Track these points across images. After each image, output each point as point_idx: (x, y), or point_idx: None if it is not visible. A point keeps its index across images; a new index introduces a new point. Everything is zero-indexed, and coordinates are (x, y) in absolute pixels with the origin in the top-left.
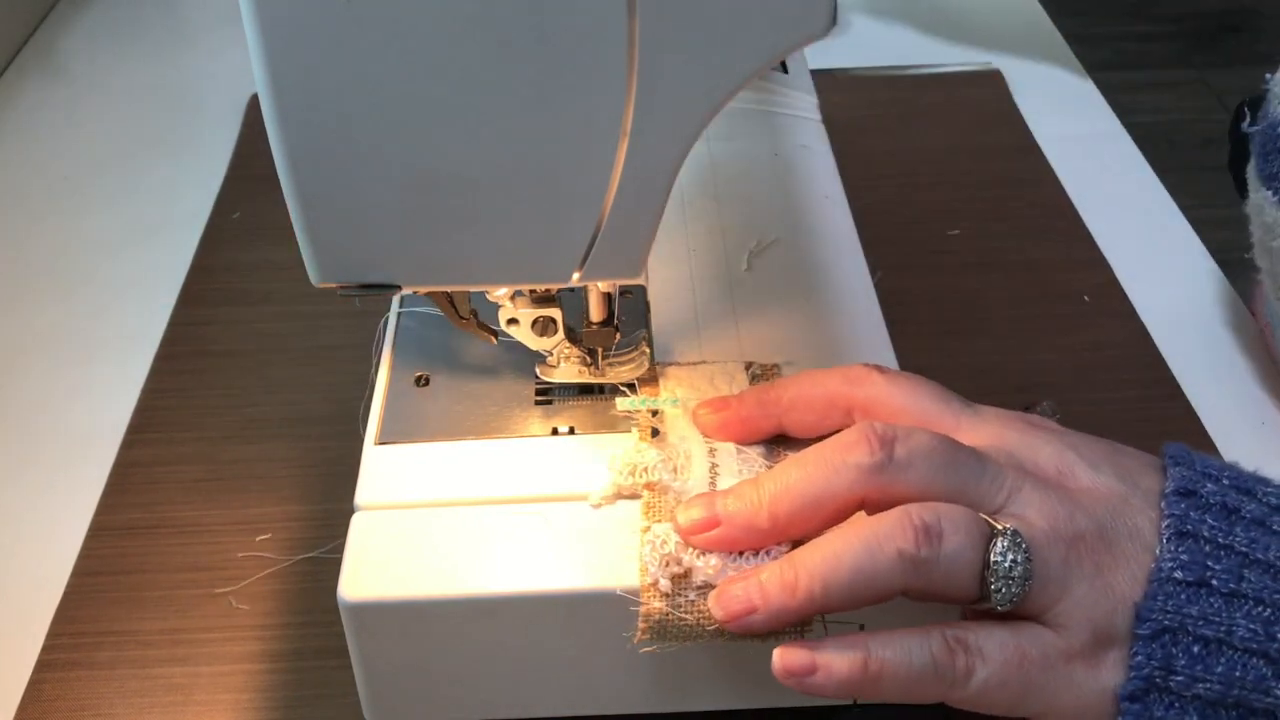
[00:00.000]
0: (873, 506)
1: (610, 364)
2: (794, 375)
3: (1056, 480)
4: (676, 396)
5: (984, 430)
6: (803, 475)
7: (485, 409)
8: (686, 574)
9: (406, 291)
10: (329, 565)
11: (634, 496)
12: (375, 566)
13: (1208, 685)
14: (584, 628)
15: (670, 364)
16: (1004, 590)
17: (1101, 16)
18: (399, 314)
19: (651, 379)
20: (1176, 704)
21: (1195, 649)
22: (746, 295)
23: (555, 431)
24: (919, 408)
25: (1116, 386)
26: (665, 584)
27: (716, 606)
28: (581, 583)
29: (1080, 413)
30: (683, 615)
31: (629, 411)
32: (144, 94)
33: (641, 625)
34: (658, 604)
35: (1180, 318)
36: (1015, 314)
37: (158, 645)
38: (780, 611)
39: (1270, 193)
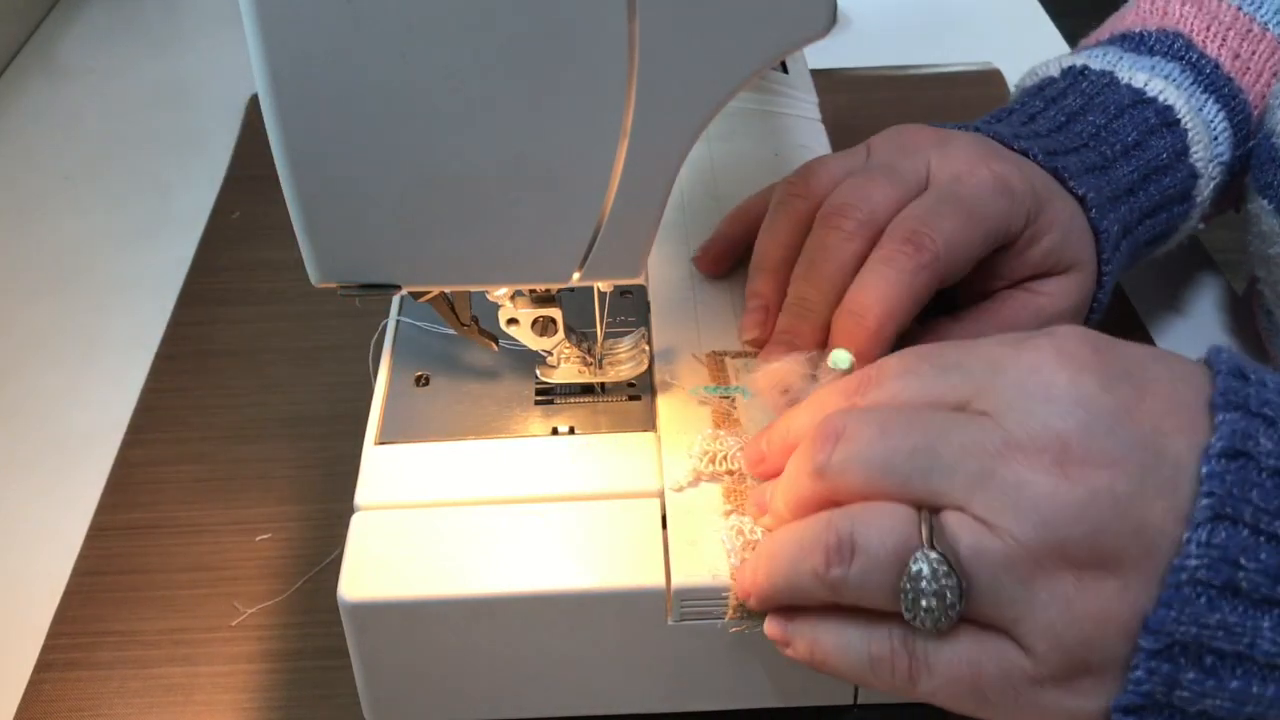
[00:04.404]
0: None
1: (610, 363)
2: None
3: (1054, 456)
4: (746, 388)
5: (977, 376)
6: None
7: (485, 409)
8: None
9: (405, 293)
10: (329, 565)
11: (714, 480)
12: (375, 566)
13: (1217, 702)
14: (584, 628)
15: (730, 354)
16: (920, 615)
17: (1100, 17)
18: (398, 318)
19: (719, 368)
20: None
21: (1208, 661)
22: (746, 293)
23: (555, 431)
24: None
25: None
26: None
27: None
28: (581, 583)
29: None
30: None
31: (705, 399)
32: (144, 94)
33: (732, 604)
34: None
35: (1180, 318)
36: None
37: (158, 645)
38: (748, 600)
39: (1266, 201)
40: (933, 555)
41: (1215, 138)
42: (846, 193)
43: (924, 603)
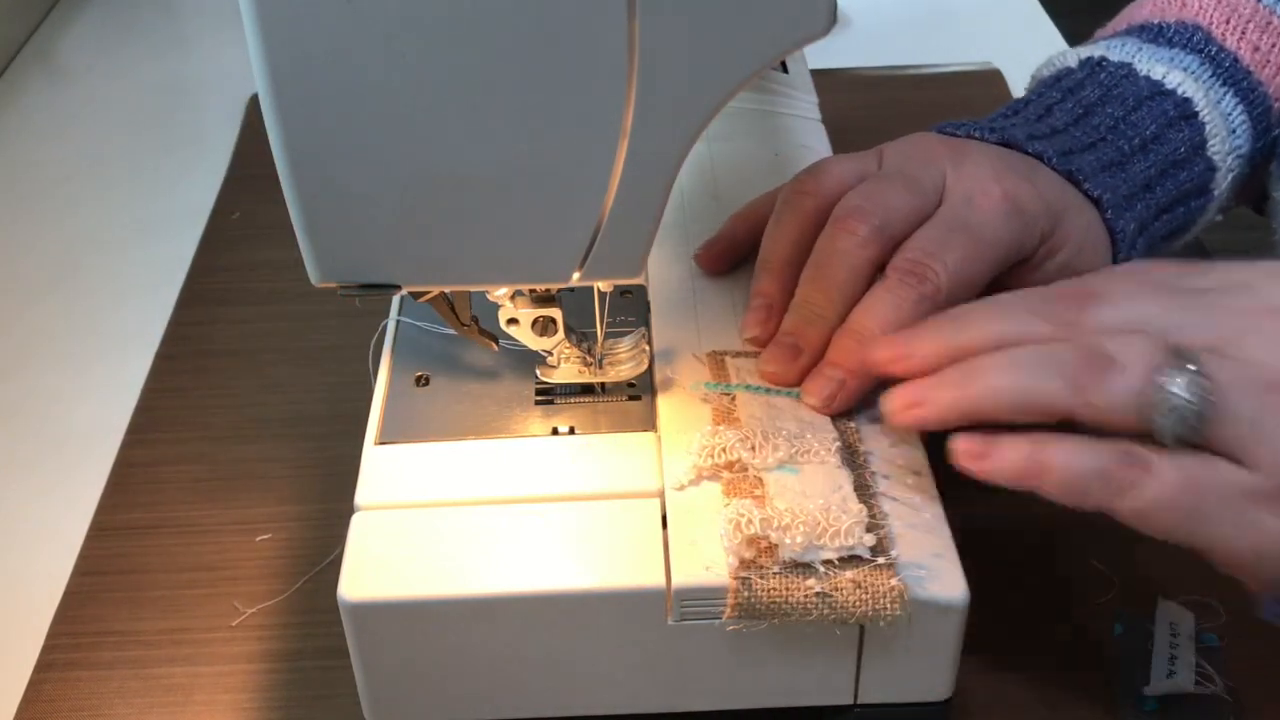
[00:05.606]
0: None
1: (610, 363)
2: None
3: None
4: (754, 384)
5: (1213, 276)
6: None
7: (485, 409)
8: (770, 551)
9: (405, 293)
10: (329, 565)
11: (714, 477)
12: (375, 566)
13: None
14: (584, 628)
15: (730, 354)
16: (1167, 426)
17: (1101, 17)
18: (398, 318)
19: (720, 367)
20: None
21: None
22: (746, 294)
23: (555, 431)
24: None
25: None
26: (749, 558)
27: (884, 402)
28: (581, 583)
29: None
30: (771, 594)
31: (707, 395)
32: (144, 94)
33: (731, 601)
34: (744, 584)
35: None
36: None
37: (158, 645)
38: (943, 407)
39: None
40: (1188, 368)
41: (1233, 130)
42: (861, 197)
43: (1173, 412)
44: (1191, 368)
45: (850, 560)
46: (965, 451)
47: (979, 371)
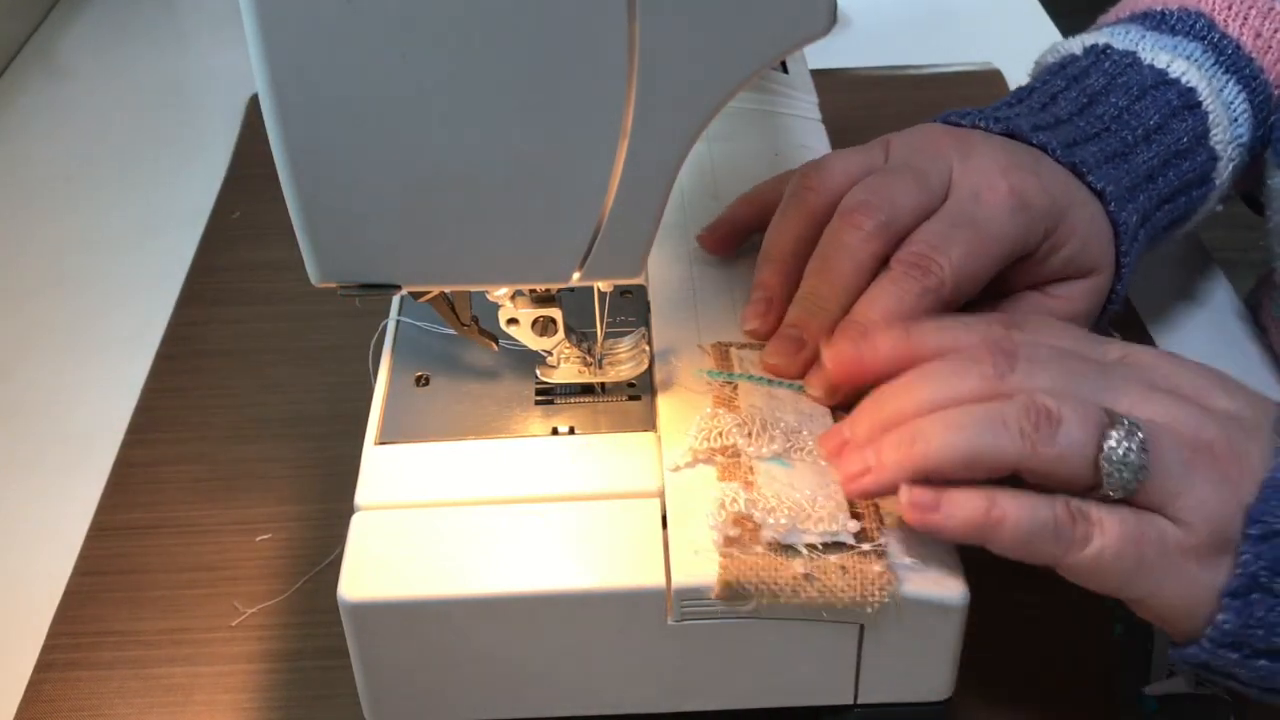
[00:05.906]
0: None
1: (610, 363)
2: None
3: (1191, 396)
4: (758, 375)
5: (1118, 350)
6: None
7: (485, 409)
8: (755, 532)
9: (405, 293)
10: (329, 565)
11: (709, 462)
12: (375, 566)
13: None
14: (584, 628)
15: (737, 345)
16: (1116, 476)
17: (1100, 16)
18: (398, 318)
19: (724, 357)
20: (1278, 606)
21: None
22: (747, 294)
23: (555, 431)
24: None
25: None
26: (733, 535)
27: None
28: (581, 583)
29: None
30: (759, 572)
31: (710, 384)
32: (144, 94)
33: (720, 579)
34: (732, 561)
35: (1180, 317)
36: None
37: (158, 645)
38: (894, 469)
39: None
40: (1126, 426)
41: (1235, 119)
42: (868, 191)
43: (1121, 464)
44: (1129, 422)
45: (835, 546)
46: (916, 503)
47: (924, 432)
